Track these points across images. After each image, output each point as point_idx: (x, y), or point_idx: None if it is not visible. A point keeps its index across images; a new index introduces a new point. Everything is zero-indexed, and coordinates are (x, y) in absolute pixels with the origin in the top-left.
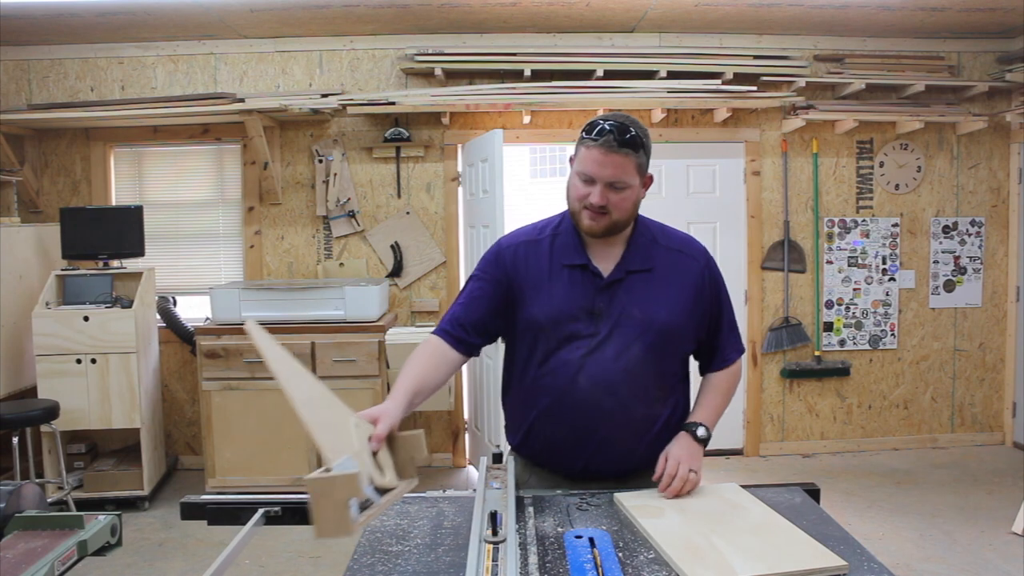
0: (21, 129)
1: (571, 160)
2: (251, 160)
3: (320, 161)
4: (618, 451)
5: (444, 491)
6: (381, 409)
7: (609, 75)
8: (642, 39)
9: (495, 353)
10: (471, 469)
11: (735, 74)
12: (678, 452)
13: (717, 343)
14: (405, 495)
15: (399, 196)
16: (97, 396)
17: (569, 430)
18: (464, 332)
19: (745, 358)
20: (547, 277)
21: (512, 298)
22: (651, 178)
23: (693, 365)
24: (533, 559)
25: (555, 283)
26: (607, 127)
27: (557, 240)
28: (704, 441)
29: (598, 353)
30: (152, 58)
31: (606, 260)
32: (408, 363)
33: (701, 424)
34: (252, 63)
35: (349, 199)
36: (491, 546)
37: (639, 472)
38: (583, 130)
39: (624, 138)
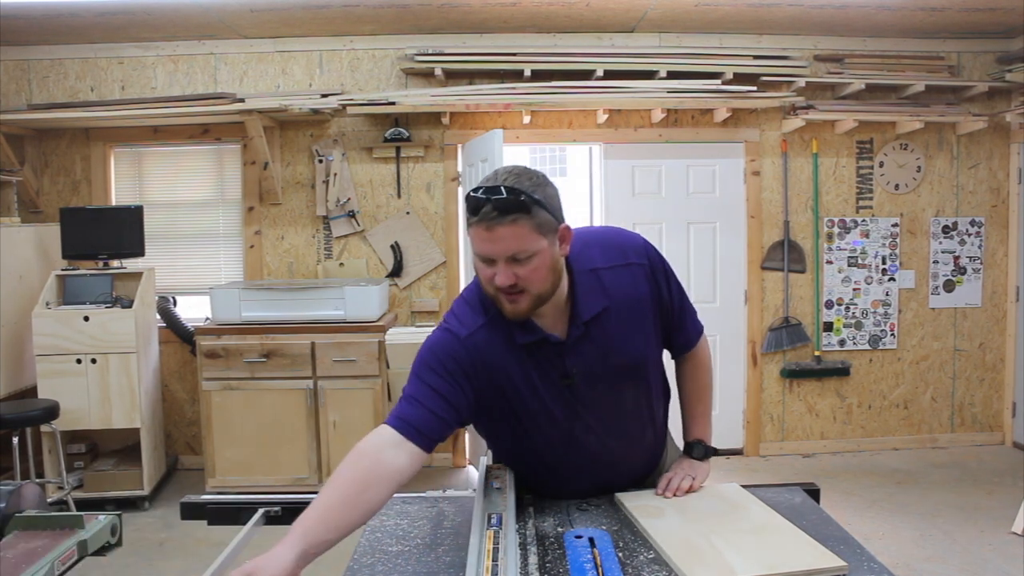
0: (21, 129)
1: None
2: (251, 160)
3: (320, 161)
4: (624, 472)
5: (444, 491)
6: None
7: (609, 75)
8: (642, 39)
9: None
10: (471, 469)
11: (735, 74)
12: (676, 466)
13: (681, 331)
14: (405, 495)
15: (399, 196)
16: (97, 396)
17: (571, 481)
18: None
19: (745, 358)
20: (515, 363)
21: (481, 392)
22: (567, 229)
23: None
24: (533, 559)
25: (523, 368)
26: (483, 198)
27: (503, 318)
28: (703, 458)
29: (589, 413)
30: (152, 58)
31: (559, 320)
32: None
33: (696, 444)
34: (252, 63)
35: (349, 199)
36: (491, 546)
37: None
38: (465, 199)
39: (507, 205)
